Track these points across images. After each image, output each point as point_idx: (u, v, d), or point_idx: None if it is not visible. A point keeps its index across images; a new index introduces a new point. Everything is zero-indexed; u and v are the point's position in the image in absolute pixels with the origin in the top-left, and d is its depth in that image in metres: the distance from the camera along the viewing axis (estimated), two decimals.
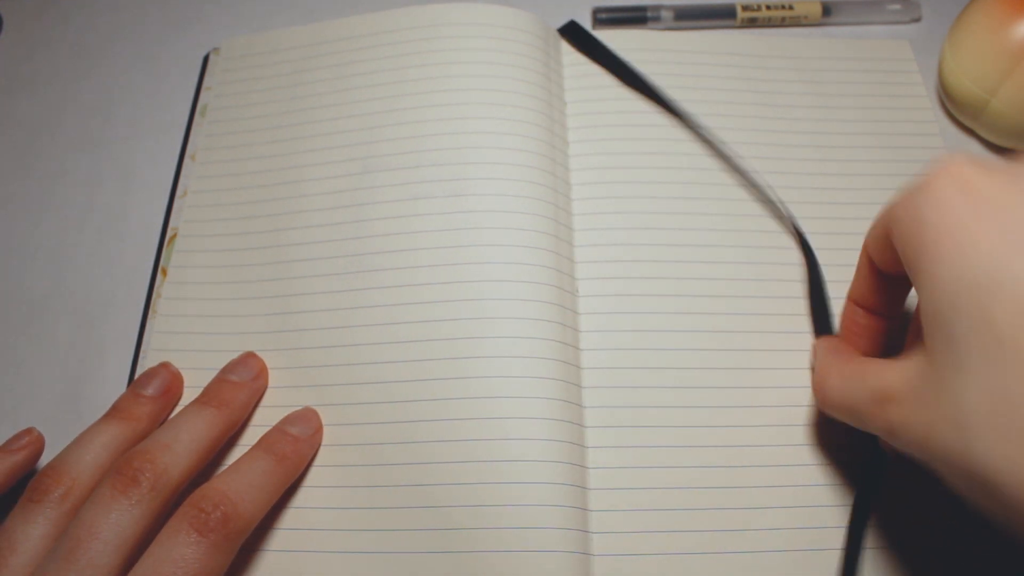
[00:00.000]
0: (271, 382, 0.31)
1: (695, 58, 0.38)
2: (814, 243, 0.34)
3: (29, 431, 0.30)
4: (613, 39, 0.39)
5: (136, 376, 0.32)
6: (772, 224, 0.34)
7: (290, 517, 0.28)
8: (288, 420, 0.29)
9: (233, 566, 0.27)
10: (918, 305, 0.25)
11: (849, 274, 0.33)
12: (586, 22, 0.41)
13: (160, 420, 0.30)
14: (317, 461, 0.29)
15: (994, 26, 0.34)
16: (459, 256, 0.32)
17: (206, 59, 0.41)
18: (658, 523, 0.28)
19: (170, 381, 0.31)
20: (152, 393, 0.30)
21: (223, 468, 0.29)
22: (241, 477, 0.26)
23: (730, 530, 0.28)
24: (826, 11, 0.41)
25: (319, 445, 0.30)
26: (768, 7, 0.41)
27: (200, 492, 0.25)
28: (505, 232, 0.32)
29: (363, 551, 0.28)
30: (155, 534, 0.25)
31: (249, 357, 0.31)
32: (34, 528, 0.25)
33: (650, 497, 0.28)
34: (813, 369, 0.29)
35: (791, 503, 0.28)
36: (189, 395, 0.31)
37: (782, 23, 0.41)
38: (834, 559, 0.27)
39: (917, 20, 0.41)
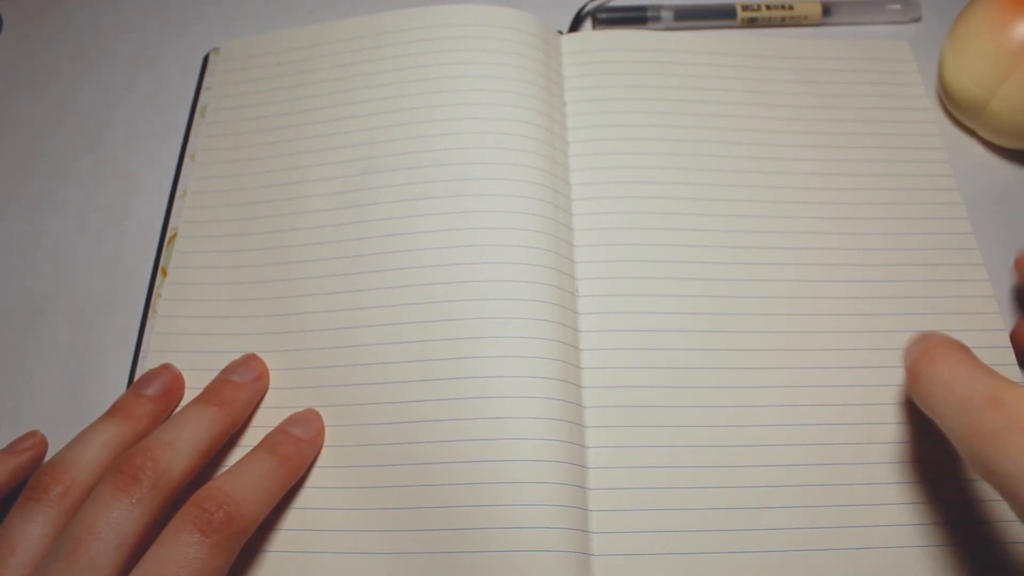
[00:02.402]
0: (272, 383, 0.31)
1: (695, 58, 0.38)
2: (814, 243, 0.33)
3: (33, 434, 0.30)
4: (613, 39, 0.39)
5: (137, 376, 0.32)
6: (771, 224, 0.34)
7: (292, 518, 0.28)
8: (290, 421, 0.29)
9: (236, 567, 0.27)
10: None
11: (851, 274, 0.33)
12: (584, 22, 0.41)
13: (160, 421, 0.30)
14: (319, 462, 0.29)
15: (994, 26, 0.34)
16: (459, 256, 0.32)
17: (206, 59, 0.41)
18: (658, 523, 0.28)
19: (171, 382, 0.31)
20: (153, 393, 0.30)
21: (224, 469, 0.29)
22: (244, 477, 0.26)
23: (730, 530, 0.28)
24: (826, 11, 0.41)
25: (321, 446, 0.30)
26: (768, 7, 0.41)
27: (203, 492, 0.25)
28: (505, 232, 0.32)
29: (365, 551, 0.28)
30: (155, 532, 0.25)
31: (251, 358, 0.31)
32: (33, 527, 0.25)
33: (650, 497, 0.28)
34: (912, 350, 0.27)
35: (791, 503, 0.28)
36: (190, 396, 0.31)
37: (782, 23, 0.41)
38: (834, 559, 0.27)
39: (917, 20, 0.41)
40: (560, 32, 0.40)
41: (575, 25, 0.41)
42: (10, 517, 0.25)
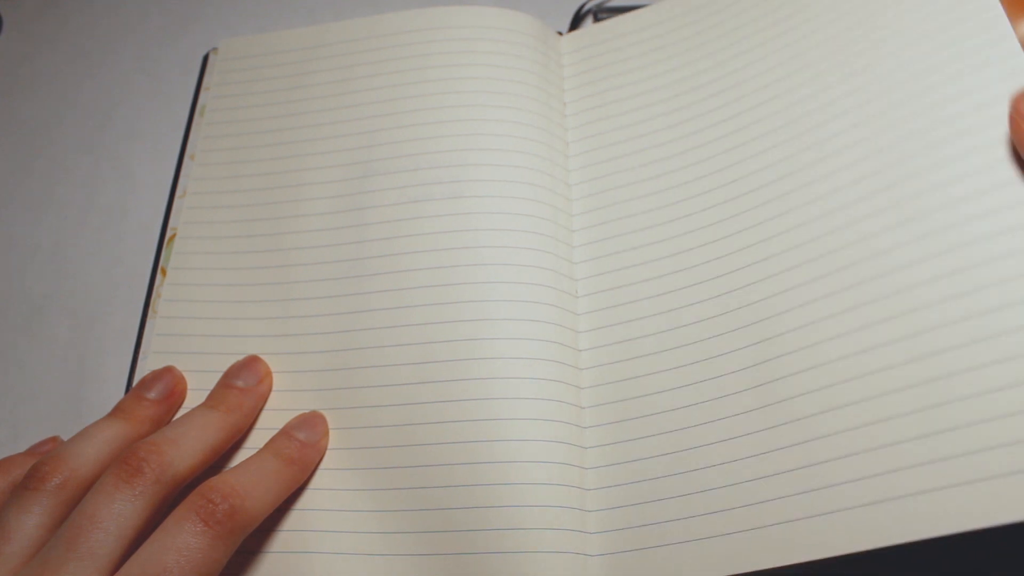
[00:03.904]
0: (274, 385, 0.31)
1: (694, 17, 0.37)
2: (824, 240, 0.30)
3: (54, 439, 0.30)
4: (609, 28, 0.38)
5: (138, 377, 0.31)
6: (771, 222, 0.34)
7: (294, 519, 0.28)
8: (296, 425, 0.29)
9: (237, 567, 0.27)
10: None
11: (871, 269, 0.29)
12: (585, 21, 0.41)
13: (162, 425, 0.30)
14: (322, 463, 0.30)
15: None
16: (459, 258, 0.32)
17: (205, 59, 0.41)
18: (656, 521, 0.28)
19: (174, 385, 0.31)
20: (156, 397, 0.30)
21: (226, 470, 0.29)
22: (250, 475, 0.26)
23: (729, 532, 0.28)
24: None
25: (325, 450, 0.30)
26: None
27: (209, 484, 0.25)
28: (504, 234, 0.32)
29: (366, 552, 0.28)
30: (155, 527, 0.24)
31: (254, 361, 0.31)
32: (29, 517, 0.25)
33: (648, 497, 0.28)
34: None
35: (790, 496, 0.28)
36: (191, 397, 0.31)
37: None
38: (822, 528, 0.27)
39: None
40: (560, 33, 0.40)
41: (575, 25, 0.41)
42: (6, 506, 0.25)
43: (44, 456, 0.26)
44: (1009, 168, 0.27)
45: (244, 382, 0.30)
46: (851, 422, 0.27)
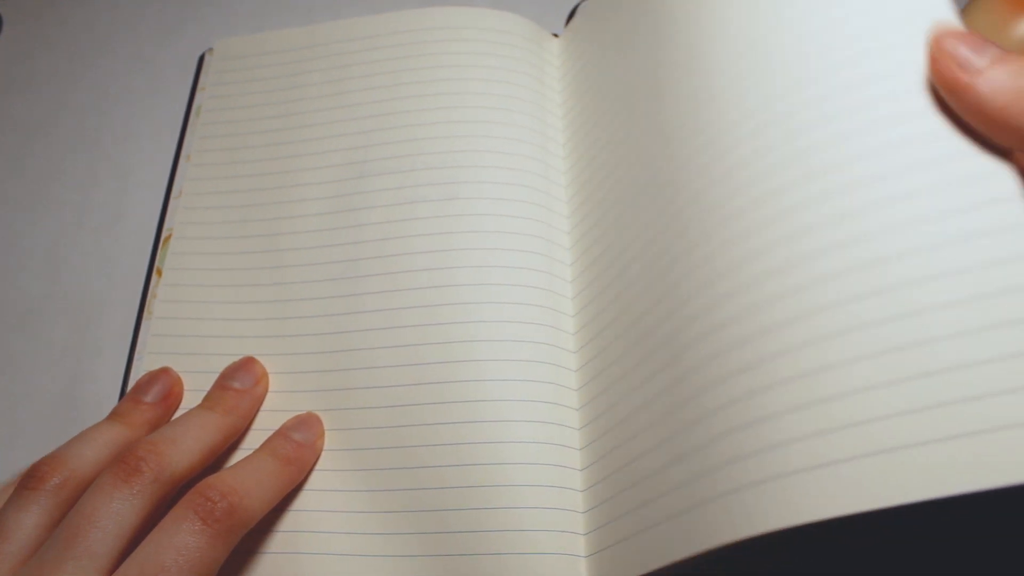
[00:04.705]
0: (269, 386, 0.31)
1: None
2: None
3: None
4: (594, 10, 0.37)
5: (134, 379, 0.32)
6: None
7: (289, 519, 0.29)
8: (292, 426, 0.30)
9: (234, 567, 0.27)
10: None
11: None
12: None
13: (159, 427, 0.30)
14: (316, 464, 0.30)
15: (994, 26, 0.34)
16: (453, 260, 0.32)
17: (201, 59, 0.41)
18: (649, 519, 0.28)
19: (170, 386, 0.31)
20: (152, 400, 0.30)
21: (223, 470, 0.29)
22: (247, 474, 0.27)
23: (669, 512, 0.27)
24: None
25: (321, 450, 0.30)
26: None
27: (207, 482, 0.25)
28: (498, 236, 0.32)
29: (361, 554, 0.28)
30: (153, 526, 0.25)
31: (249, 362, 0.31)
32: (27, 516, 0.25)
33: (640, 494, 0.28)
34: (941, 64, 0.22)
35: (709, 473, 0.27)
36: (187, 398, 0.31)
37: None
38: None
39: None
40: (555, 35, 0.39)
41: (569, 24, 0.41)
42: (4, 506, 0.25)
43: (44, 457, 0.26)
44: (916, 99, 0.23)
45: (240, 383, 0.30)
46: (741, 391, 0.25)
